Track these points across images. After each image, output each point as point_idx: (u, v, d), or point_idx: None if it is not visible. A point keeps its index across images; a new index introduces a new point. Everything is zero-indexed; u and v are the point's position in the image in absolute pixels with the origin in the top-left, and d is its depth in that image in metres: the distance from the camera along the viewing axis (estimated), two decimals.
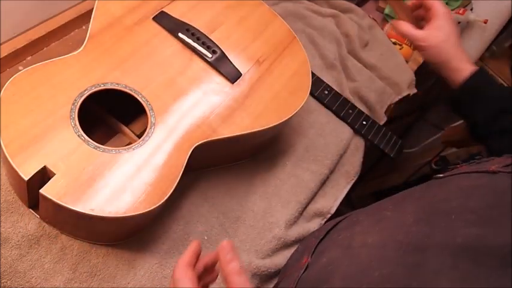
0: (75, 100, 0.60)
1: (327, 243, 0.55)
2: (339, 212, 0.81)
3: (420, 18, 0.73)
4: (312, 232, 0.71)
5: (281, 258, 0.70)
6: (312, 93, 0.88)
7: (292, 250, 0.70)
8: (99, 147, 0.58)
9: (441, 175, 0.48)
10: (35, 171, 0.54)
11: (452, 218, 0.38)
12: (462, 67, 0.67)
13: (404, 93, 1.00)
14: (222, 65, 0.71)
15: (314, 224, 0.76)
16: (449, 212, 0.39)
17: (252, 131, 0.67)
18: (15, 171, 0.53)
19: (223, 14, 0.77)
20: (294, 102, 0.72)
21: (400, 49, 1.07)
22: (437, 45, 0.68)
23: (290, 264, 0.65)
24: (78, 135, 0.58)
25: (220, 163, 0.75)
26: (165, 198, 0.58)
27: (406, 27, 0.70)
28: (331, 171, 0.83)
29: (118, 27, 0.69)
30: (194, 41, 0.71)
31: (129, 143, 0.64)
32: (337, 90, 0.91)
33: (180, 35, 0.71)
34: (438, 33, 0.68)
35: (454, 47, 0.68)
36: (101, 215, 0.54)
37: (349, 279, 0.43)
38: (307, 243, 0.63)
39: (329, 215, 0.78)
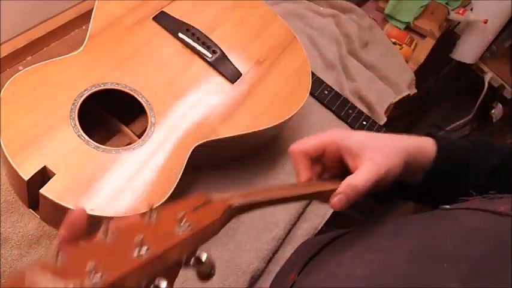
0: (75, 100, 0.60)
1: (316, 264, 0.52)
2: (341, 214, 0.81)
3: (330, 173, 0.52)
4: (306, 240, 0.70)
5: (280, 259, 0.70)
6: (312, 93, 0.88)
7: (291, 251, 0.70)
8: (99, 147, 0.58)
9: (447, 206, 0.45)
10: (35, 171, 0.54)
11: (444, 266, 0.36)
12: (422, 144, 0.49)
13: (404, 93, 1.00)
14: (222, 65, 0.71)
15: (314, 224, 0.76)
16: (444, 256, 0.37)
17: (252, 131, 0.67)
18: (15, 171, 0.53)
19: (223, 14, 0.77)
20: (294, 102, 0.72)
21: (400, 49, 1.07)
22: (384, 156, 0.46)
23: (281, 275, 0.64)
24: (78, 135, 0.58)
25: (220, 163, 0.75)
26: (165, 198, 0.57)
27: (355, 186, 0.46)
28: None
29: (118, 27, 0.69)
30: (194, 41, 0.71)
31: (129, 143, 0.64)
32: (337, 90, 0.91)
33: (180, 35, 0.71)
34: (372, 150, 0.46)
35: (392, 138, 0.48)
36: (101, 215, 0.54)
37: None
38: (298, 256, 0.61)
39: (328, 215, 0.78)
